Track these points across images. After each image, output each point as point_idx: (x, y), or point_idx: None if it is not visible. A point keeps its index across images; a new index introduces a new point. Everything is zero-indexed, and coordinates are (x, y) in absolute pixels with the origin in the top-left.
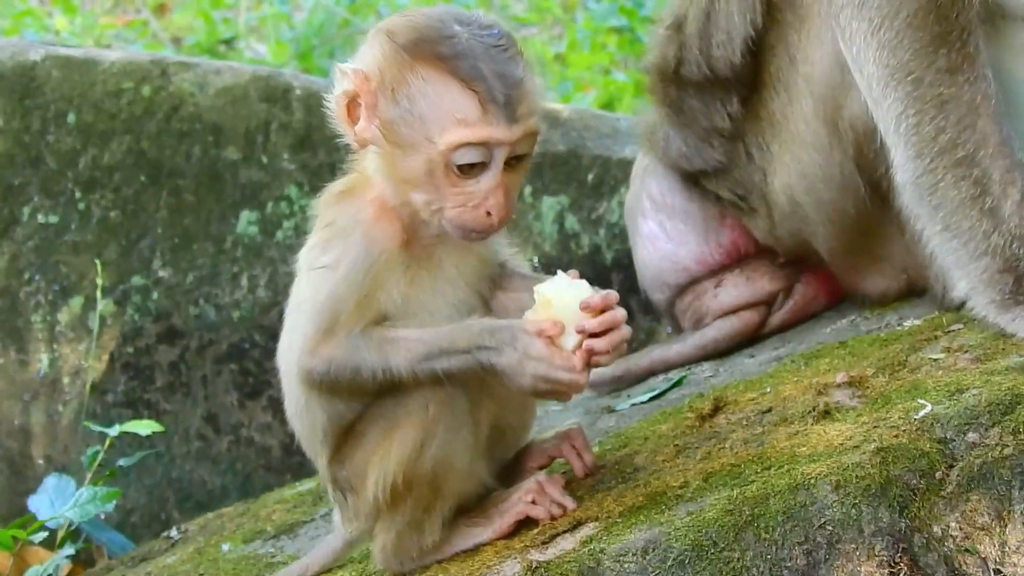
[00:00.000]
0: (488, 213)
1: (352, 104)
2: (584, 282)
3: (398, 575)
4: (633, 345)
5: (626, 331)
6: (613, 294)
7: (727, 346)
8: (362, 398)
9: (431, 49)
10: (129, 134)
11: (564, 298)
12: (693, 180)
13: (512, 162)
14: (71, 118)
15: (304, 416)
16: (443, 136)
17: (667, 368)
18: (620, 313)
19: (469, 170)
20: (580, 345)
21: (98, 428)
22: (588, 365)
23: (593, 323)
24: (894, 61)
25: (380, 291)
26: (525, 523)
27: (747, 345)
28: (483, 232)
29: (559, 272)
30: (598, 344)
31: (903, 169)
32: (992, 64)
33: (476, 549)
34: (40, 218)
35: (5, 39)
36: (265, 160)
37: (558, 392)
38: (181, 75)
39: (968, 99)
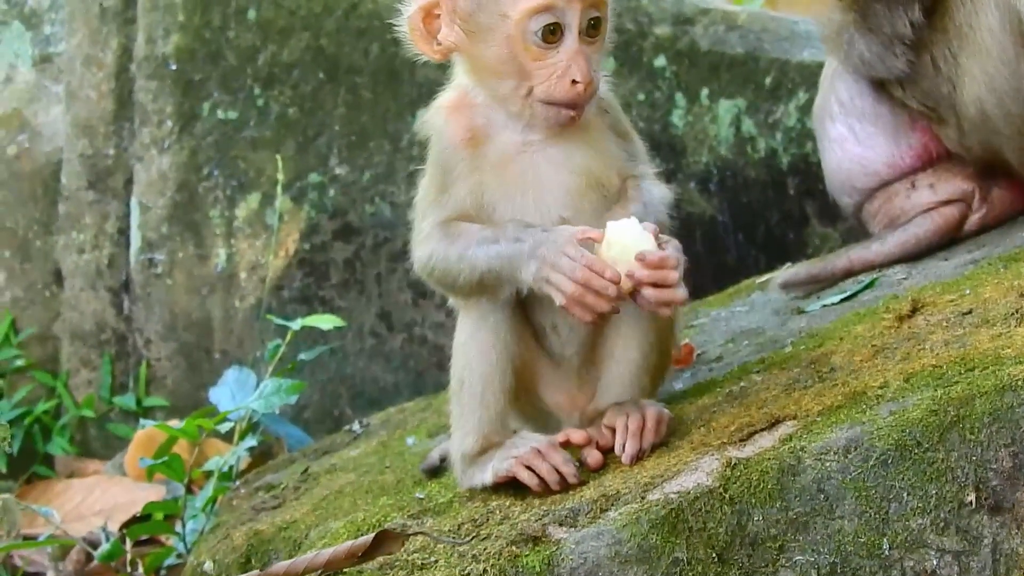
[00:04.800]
0: (573, 81)
1: (428, 17)
2: (651, 236)
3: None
4: (809, 252)
5: (679, 294)
6: (672, 257)
7: (928, 244)
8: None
9: None
10: (308, 31)
11: (626, 240)
12: (881, 83)
13: (589, 31)
14: (251, 14)
15: None
16: (514, 7)
17: (865, 268)
18: (672, 275)
19: (548, 37)
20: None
21: (280, 322)
22: (630, 295)
23: (644, 273)
24: None
25: (452, 186)
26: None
27: (946, 245)
28: (572, 104)
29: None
30: (648, 292)
31: None
32: None
33: (672, 446)
34: (220, 114)
35: None
36: None
37: (584, 303)
38: None
39: None
